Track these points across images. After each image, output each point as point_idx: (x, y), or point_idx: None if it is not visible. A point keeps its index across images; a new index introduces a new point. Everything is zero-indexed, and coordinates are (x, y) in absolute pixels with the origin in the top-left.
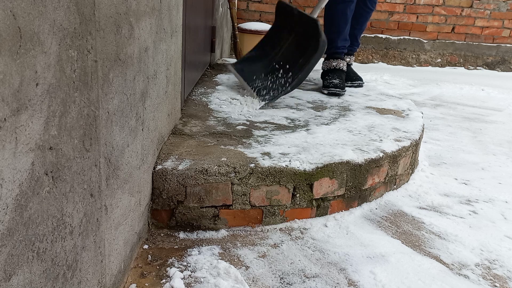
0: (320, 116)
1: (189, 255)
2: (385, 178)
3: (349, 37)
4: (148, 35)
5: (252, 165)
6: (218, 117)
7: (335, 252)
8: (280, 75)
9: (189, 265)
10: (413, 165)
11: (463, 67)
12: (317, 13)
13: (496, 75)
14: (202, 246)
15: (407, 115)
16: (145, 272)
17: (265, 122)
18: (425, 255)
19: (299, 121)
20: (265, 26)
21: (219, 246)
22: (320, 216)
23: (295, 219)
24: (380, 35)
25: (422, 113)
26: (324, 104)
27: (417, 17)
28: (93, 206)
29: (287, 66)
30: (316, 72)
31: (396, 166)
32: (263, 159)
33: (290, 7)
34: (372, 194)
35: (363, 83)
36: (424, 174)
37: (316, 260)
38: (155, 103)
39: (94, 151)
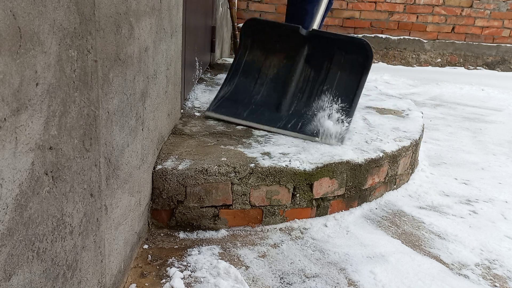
0: None
1: (189, 255)
2: (385, 178)
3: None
4: (148, 35)
5: (252, 165)
6: None
7: (335, 252)
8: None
9: (189, 265)
10: (413, 165)
11: (463, 67)
12: (317, 23)
13: (496, 75)
14: (202, 246)
15: (407, 115)
16: (145, 272)
17: None
18: (425, 255)
19: None
20: None
21: (219, 246)
22: (320, 216)
23: (295, 219)
24: (380, 35)
25: (422, 113)
26: None
27: (417, 17)
28: (93, 206)
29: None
30: None
31: (396, 166)
32: (263, 159)
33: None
34: (372, 194)
35: None
36: (424, 174)
37: (316, 260)
38: (155, 103)
39: (94, 151)
